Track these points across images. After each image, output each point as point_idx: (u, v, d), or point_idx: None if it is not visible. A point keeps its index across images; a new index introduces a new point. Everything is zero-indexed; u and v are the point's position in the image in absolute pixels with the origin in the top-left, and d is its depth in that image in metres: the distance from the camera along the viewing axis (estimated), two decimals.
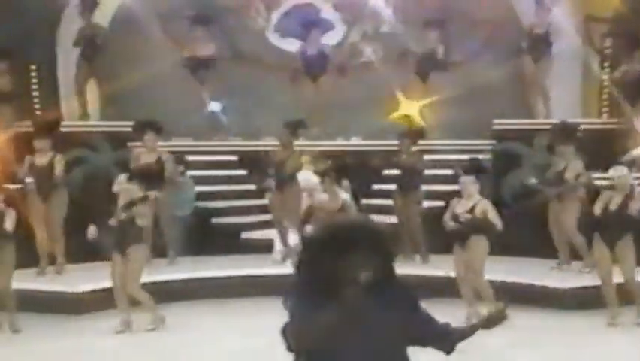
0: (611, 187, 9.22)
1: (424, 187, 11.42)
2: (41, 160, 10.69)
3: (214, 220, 12.21)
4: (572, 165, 10.42)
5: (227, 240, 11.79)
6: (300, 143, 11.85)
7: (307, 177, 11.36)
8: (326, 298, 2.94)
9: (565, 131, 10.88)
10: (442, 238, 9.67)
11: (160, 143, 11.46)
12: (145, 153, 11.23)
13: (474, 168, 9.52)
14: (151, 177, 10.43)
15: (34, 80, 12.96)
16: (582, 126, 11.45)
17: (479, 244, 8.99)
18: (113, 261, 9.04)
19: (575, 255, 10.57)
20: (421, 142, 11.70)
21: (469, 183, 9.13)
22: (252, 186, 12.31)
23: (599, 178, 10.50)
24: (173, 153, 11.51)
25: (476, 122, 12.98)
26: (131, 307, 9.11)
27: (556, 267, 10.67)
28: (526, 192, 11.20)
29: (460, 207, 9.08)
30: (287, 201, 11.15)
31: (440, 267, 9.80)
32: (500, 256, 9.68)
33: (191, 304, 10.20)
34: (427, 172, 11.48)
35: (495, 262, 9.47)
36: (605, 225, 8.94)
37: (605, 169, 10.66)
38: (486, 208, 9.02)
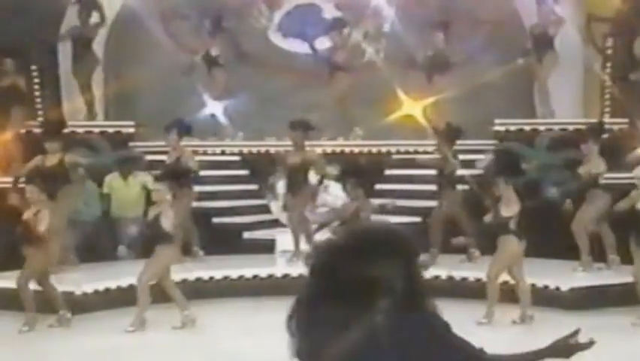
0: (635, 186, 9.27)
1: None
2: (51, 160, 10.74)
3: (215, 220, 12.21)
4: (594, 163, 10.48)
5: (228, 240, 11.79)
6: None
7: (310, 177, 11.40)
8: (345, 315, 2.53)
9: (593, 131, 10.91)
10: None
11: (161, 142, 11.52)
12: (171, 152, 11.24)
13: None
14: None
15: (36, 81, 12.95)
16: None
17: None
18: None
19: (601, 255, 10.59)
20: (419, 142, 11.71)
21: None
22: (254, 186, 12.30)
23: (621, 178, 10.49)
24: None
25: (478, 122, 12.98)
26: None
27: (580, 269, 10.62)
28: (528, 193, 11.19)
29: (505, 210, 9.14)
30: (297, 205, 11.18)
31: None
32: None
33: (193, 305, 10.18)
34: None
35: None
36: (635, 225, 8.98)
37: (610, 169, 10.69)
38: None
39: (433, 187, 11.61)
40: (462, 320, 8.27)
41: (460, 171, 11.40)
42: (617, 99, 12.59)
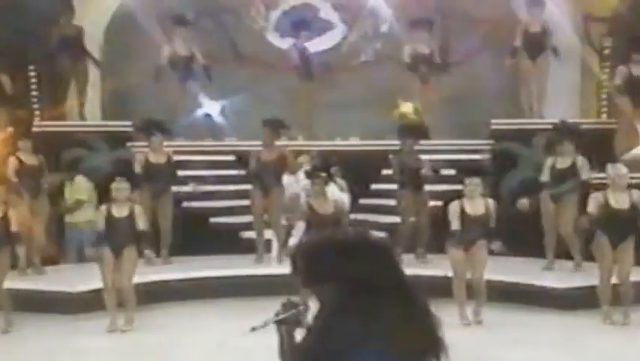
0: (606, 186, 9.25)
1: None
2: (31, 160, 10.90)
3: (212, 220, 12.21)
4: (579, 162, 10.46)
5: (225, 240, 11.79)
6: (297, 143, 11.95)
7: (299, 178, 11.37)
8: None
9: (567, 130, 10.91)
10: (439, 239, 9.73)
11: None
12: (151, 153, 11.35)
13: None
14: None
15: (32, 81, 12.94)
16: (582, 126, 11.52)
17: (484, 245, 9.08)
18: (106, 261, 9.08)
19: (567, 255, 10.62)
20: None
21: (477, 185, 9.17)
22: (250, 186, 12.27)
23: (595, 178, 10.52)
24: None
25: (474, 122, 13.00)
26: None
27: (546, 267, 10.68)
28: (524, 192, 11.19)
29: (470, 208, 9.10)
30: (271, 204, 11.22)
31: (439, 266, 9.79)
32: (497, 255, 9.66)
33: (189, 304, 10.20)
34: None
35: (492, 261, 9.48)
36: (609, 224, 8.95)
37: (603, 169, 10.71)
38: (492, 209, 9.11)
39: (428, 187, 11.60)
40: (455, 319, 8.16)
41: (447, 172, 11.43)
42: (614, 99, 12.57)
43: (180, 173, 11.60)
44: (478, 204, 9.14)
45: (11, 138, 11.28)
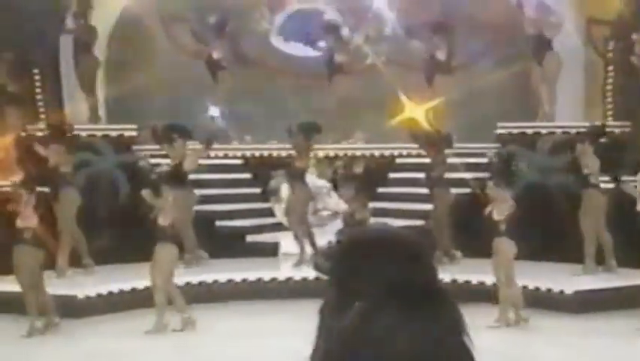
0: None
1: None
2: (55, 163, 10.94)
3: (218, 223, 12.20)
4: (585, 162, 10.54)
5: (231, 243, 11.78)
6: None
7: (312, 180, 11.39)
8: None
9: (592, 134, 11.02)
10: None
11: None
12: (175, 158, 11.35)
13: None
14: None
15: (37, 83, 12.92)
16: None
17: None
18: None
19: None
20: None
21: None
22: (257, 190, 12.30)
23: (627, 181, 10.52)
24: None
25: (480, 126, 13.00)
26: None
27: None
28: (530, 195, 11.22)
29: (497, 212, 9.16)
30: (297, 208, 11.23)
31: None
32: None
33: (197, 308, 10.17)
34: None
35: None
36: None
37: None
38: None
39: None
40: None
41: (457, 175, 11.45)
42: (620, 102, 12.56)
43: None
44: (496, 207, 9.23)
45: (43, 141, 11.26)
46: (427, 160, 11.58)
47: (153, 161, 11.56)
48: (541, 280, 10.23)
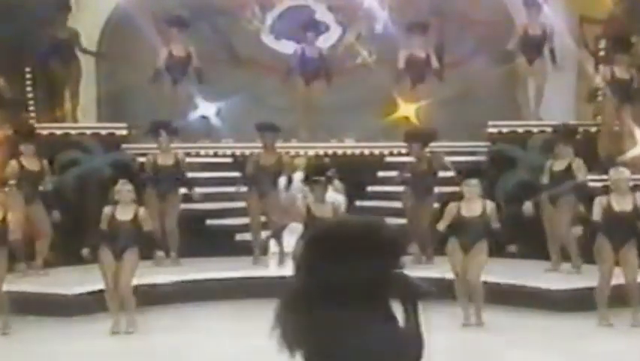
0: (608, 188, 9.26)
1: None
2: (32, 165, 10.94)
3: (208, 222, 12.19)
4: (575, 164, 10.49)
5: (221, 242, 11.77)
6: (292, 146, 11.95)
7: (295, 181, 11.39)
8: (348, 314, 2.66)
9: (566, 132, 10.99)
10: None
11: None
12: (160, 154, 11.41)
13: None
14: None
15: (28, 83, 12.90)
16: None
17: (484, 247, 9.08)
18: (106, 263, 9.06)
19: (566, 256, 10.62)
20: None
21: (474, 186, 9.17)
22: (246, 188, 12.26)
23: (594, 180, 10.54)
24: None
25: (471, 124, 12.99)
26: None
27: (550, 269, 10.71)
28: (520, 194, 11.20)
29: (466, 210, 9.10)
30: (268, 206, 11.33)
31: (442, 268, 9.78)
32: (494, 257, 9.64)
33: (186, 307, 10.18)
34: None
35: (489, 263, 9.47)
36: (610, 227, 8.93)
37: (599, 172, 10.73)
38: (491, 211, 9.11)
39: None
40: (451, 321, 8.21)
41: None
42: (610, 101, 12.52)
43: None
44: (475, 205, 9.15)
45: (13, 141, 11.23)
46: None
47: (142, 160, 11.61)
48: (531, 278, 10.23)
